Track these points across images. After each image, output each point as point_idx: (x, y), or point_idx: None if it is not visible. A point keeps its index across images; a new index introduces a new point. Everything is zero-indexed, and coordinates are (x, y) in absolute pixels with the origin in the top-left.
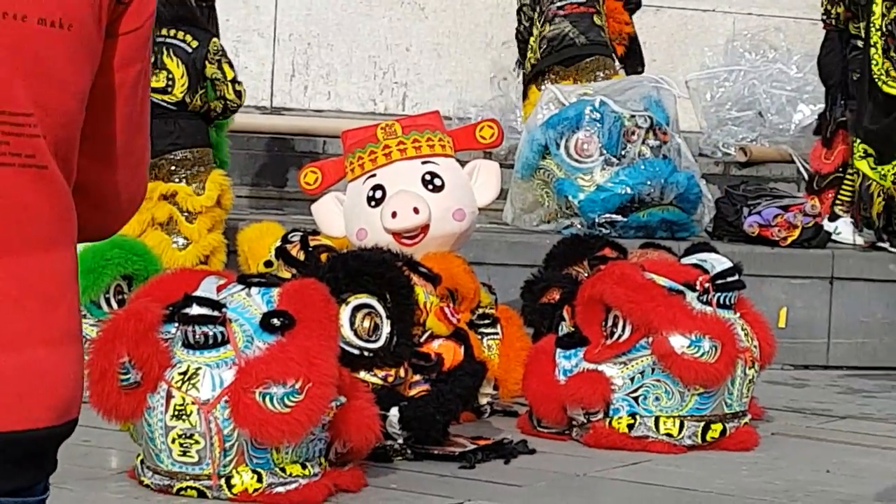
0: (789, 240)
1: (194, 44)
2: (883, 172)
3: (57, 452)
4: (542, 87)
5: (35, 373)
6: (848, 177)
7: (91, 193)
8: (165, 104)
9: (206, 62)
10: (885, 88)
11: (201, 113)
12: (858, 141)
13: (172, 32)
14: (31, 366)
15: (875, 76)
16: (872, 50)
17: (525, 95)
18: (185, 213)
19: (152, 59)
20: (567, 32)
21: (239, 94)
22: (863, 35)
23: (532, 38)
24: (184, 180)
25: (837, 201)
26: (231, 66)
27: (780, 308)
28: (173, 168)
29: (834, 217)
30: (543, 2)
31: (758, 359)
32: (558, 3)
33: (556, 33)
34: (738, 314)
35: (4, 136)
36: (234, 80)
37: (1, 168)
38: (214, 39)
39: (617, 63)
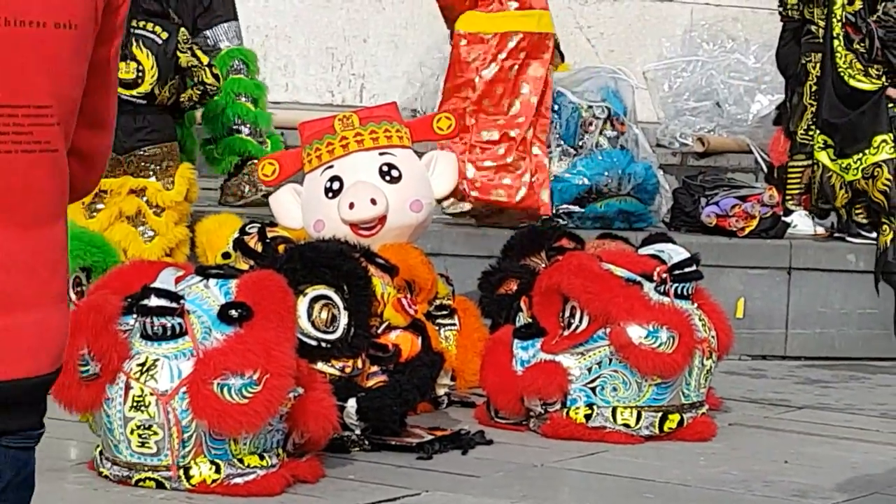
0: (747, 230)
1: (164, 35)
2: (844, 165)
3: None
4: None
5: (45, 329)
6: (793, 170)
7: (88, 157)
8: (134, 98)
9: (178, 52)
10: (852, 83)
11: (169, 107)
12: (818, 132)
13: (142, 24)
14: (42, 323)
15: (840, 70)
16: (836, 42)
17: None
18: (154, 208)
19: (122, 51)
20: None
21: (217, 77)
22: (817, 22)
23: None
24: (153, 175)
25: (787, 196)
26: (203, 51)
27: (737, 298)
28: (143, 163)
29: (787, 212)
30: None
31: (715, 349)
32: None
33: None
34: (695, 305)
35: (29, 128)
36: (210, 65)
37: (25, 155)
38: (182, 29)
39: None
